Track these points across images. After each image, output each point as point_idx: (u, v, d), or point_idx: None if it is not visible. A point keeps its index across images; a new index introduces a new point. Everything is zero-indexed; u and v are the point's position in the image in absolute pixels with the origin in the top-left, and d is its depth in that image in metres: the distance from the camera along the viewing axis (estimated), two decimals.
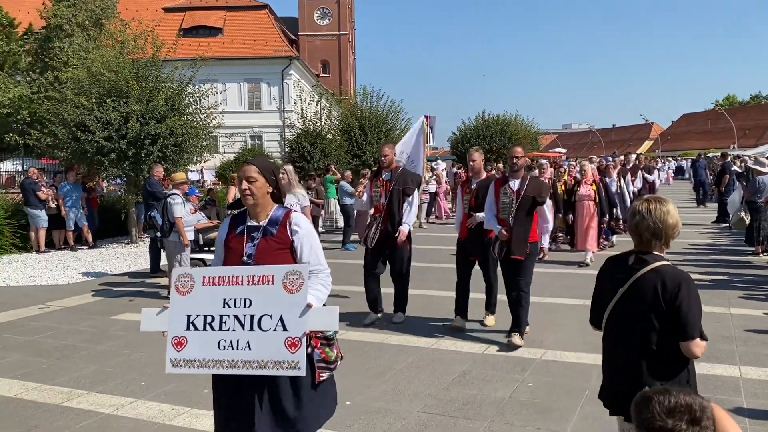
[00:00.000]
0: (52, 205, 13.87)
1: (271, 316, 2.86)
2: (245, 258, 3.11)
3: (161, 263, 10.67)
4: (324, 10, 61.48)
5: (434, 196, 20.48)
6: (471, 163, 6.92)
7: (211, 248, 11.11)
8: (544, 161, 14.20)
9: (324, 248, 3.17)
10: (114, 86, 14.07)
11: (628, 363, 2.73)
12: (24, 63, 25.30)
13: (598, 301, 2.93)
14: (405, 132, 25.68)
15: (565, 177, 12.32)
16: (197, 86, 15.70)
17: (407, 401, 4.86)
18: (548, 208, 6.33)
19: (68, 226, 14.18)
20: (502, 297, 6.90)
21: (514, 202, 6.14)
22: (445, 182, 21.68)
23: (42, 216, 13.65)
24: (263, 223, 3.18)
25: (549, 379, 5.28)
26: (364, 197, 7.53)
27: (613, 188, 12.59)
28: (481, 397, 4.90)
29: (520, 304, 6.18)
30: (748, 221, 11.30)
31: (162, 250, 9.99)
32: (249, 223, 3.20)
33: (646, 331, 2.67)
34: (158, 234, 9.27)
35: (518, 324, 6.18)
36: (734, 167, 19.19)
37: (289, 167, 7.30)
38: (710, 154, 30.14)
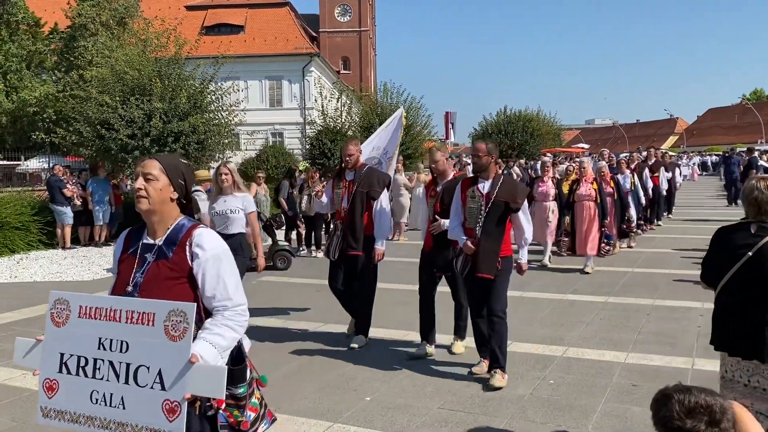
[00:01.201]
0: (77, 202, 14.09)
1: (148, 369, 2.24)
2: (130, 288, 2.44)
3: None
4: (345, 6, 61.50)
5: None
6: (433, 165, 5.86)
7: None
8: (547, 158, 12.12)
9: None
10: (137, 84, 14.26)
11: (754, 311, 3.19)
12: (50, 62, 25.73)
13: (714, 263, 3.40)
14: (426, 127, 25.91)
15: (574, 175, 10.86)
16: (219, 84, 15.83)
17: (427, 397, 4.86)
18: (526, 215, 5.23)
19: (96, 222, 14.39)
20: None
21: (482, 207, 5.07)
22: None
23: (67, 213, 13.86)
24: (159, 241, 2.47)
25: (570, 376, 5.25)
26: (324, 198, 6.38)
27: (628, 186, 11.86)
28: (501, 393, 4.88)
29: (496, 333, 5.08)
30: None
31: None
32: (144, 241, 2.51)
33: None
34: None
35: (496, 359, 5.06)
36: (762, 162, 18.86)
37: (231, 165, 6.34)
38: (738, 149, 29.67)
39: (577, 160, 11.39)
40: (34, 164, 26.27)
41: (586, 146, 48.20)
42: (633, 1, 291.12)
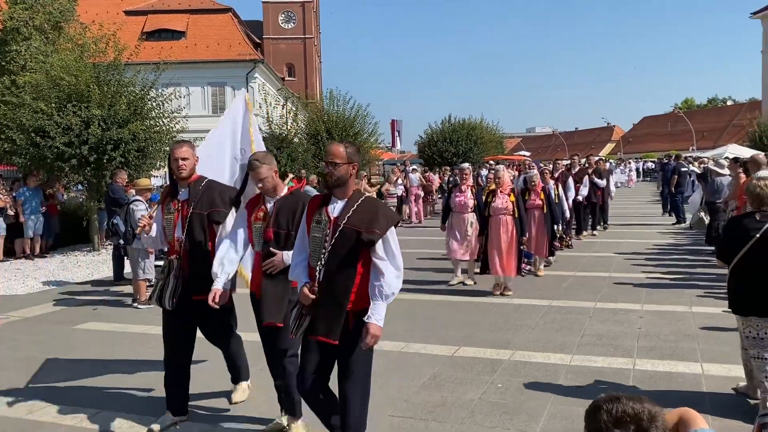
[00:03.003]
0: (10, 213, 13.49)
1: None
2: None
3: (125, 271, 10.48)
4: (288, 13, 61.22)
5: (401, 199, 20.50)
6: (259, 185, 4.17)
7: None
8: (465, 165, 10.32)
9: None
10: (74, 91, 13.79)
11: (762, 279, 4.19)
12: None
13: (730, 245, 4.42)
14: (373, 136, 25.90)
15: (491, 185, 9.21)
16: (160, 90, 15.48)
17: (379, 405, 4.83)
18: (390, 253, 3.53)
19: (26, 234, 13.80)
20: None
21: (328, 237, 3.50)
22: (416, 186, 20.99)
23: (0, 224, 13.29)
24: None
25: (518, 379, 5.34)
26: (153, 229, 4.63)
27: (552, 196, 10.60)
28: (451, 399, 4.92)
29: (347, 427, 3.71)
30: (707, 221, 11.63)
31: (125, 258, 9.82)
32: None
33: None
34: (121, 241, 9.12)
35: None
36: (692, 167, 19.84)
37: None
38: (673, 156, 30.82)
39: (495, 167, 9.84)
40: None
41: (527, 153, 49.36)
42: (570, 13, 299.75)
